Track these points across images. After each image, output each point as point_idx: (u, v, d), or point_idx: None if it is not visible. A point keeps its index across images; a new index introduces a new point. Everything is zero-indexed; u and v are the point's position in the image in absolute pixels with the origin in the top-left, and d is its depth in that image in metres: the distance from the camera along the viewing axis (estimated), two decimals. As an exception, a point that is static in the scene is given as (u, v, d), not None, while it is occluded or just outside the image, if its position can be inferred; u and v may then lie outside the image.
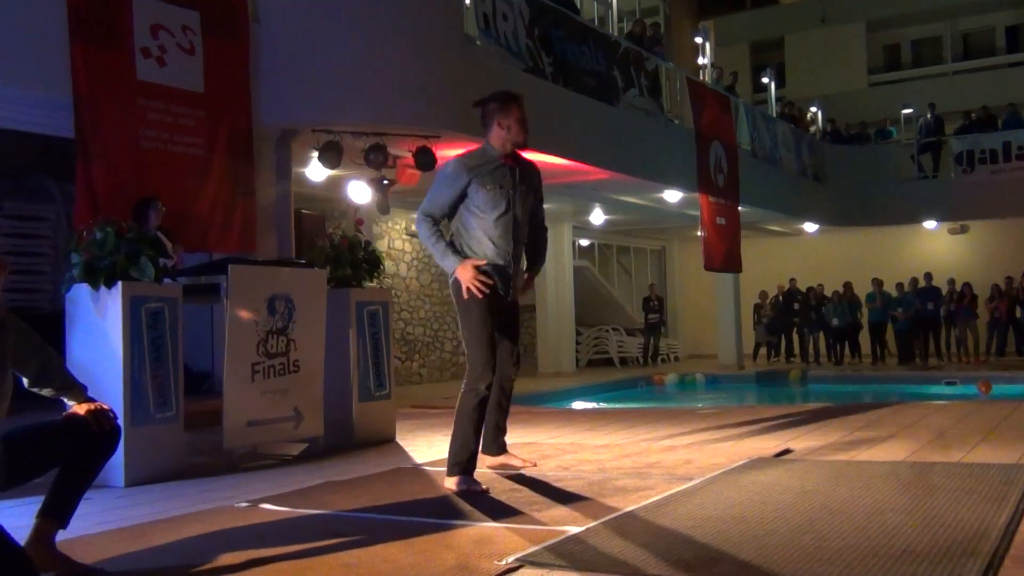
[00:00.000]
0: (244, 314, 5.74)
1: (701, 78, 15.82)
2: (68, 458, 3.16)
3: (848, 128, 21.33)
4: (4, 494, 3.14)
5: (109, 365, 5.20)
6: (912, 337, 17.43)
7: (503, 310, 4.76)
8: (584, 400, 12.50)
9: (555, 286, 16.39)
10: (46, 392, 3.18)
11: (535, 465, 5.16)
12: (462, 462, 4.61)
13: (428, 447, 6.43)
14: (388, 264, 13.32)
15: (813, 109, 20.60)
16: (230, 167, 7.36)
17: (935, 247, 19.93)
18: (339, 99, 8.09)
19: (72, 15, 6.31)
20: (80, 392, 3.22)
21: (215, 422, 5.72)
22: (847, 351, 18.11)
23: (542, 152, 10.18)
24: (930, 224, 19.63)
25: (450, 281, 4.72)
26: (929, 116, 19.84)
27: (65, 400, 3.21)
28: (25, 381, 3.13)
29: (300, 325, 6.08)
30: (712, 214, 13.93)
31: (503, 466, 5.05)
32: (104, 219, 5.41)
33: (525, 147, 4.85)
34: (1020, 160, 18.25)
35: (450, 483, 4.60)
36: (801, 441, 5.93)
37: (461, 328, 4.77)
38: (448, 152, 9.17)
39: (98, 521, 4.02)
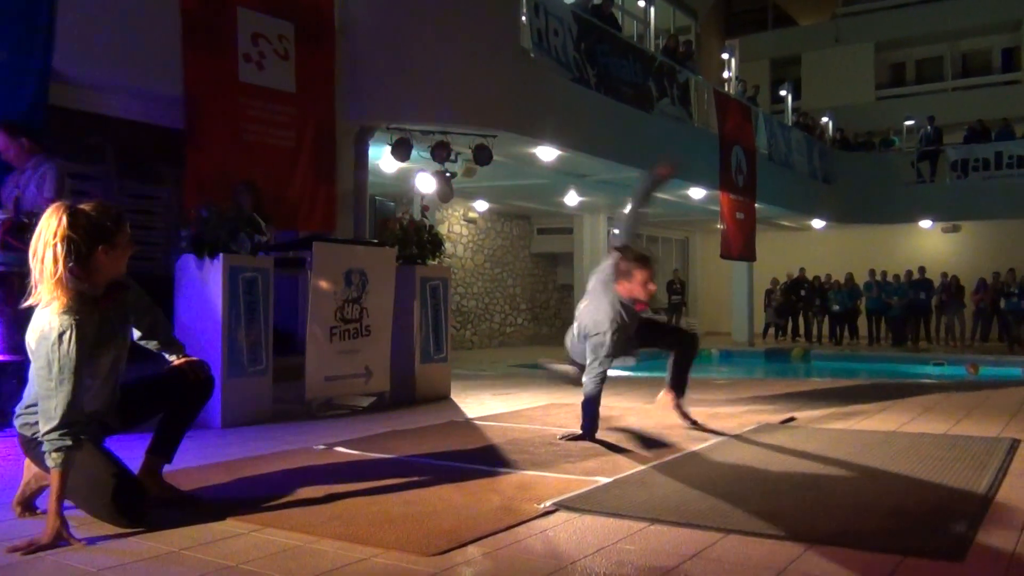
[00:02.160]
0: (325, 284, 5.79)
1: (726, 90, 15.58)
2: (171, 403, 3.23)
3: (855, 137, 20.91)
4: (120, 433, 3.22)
5: (210, 325, 5.29)
6: (905, 323, 17.15)
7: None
8: (613, 369, 12.44)
9: (591, 270, 16.30)
10: (152, 346, 3.23)
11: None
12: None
13: (478, 404, 6.46)
14: (447, 245, 13.36)
15: (825, 119, 20.20)
16: (316, 158, 7.41)
17: (929, 244, 19.53)
18: (410, 102, 8.09)
19: (185, 25, 6.37)
20: (179, 349, 3.27)
21: (298, 376, 5.79)
22: (847, 333, 17.86)
23: (584, 153, 10.14)
24: (925, 223, 19.22)
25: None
26: (929, 128, 19.38)
27: (165, 355, 3.25)
28: (136, 334, 3.18)
29: (372, 295, 6.13)
30: (732, 209, 13.78)
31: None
32: (209, 200, 5.49)
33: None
34: (1010, 168, 17.78)
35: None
36: (804, 410, 5.86)
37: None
38: (504, 148, 9.16)
39: (198, 456, 4.10)
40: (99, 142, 6.26)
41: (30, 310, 2.78)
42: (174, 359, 3.23)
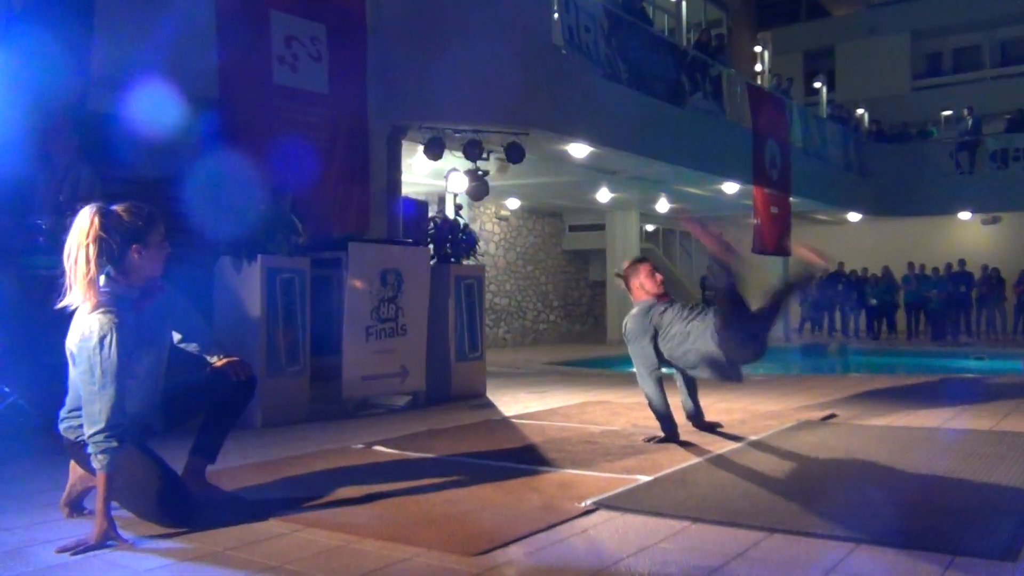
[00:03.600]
0: (360, 284, 5.82)
1: (759, 83, 15.43)
2: (213, 404, 3.25)
3: (892, 128, 20.60)
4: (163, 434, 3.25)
5: (249, 326, 5.33)
6: (945, 316, 16.87)
7: None
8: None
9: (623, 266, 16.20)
10: (192, 348, 3.24)
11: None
12: None
13: (515, 402, 6.46)
14: (479, 243, 13.36)
15: (860, 111, 19.93)
16: (349, 158, 7.43)
17: (968, 236, 19.17)
18: (442, 101, 8.09)
19: (221, 29, 6.43)
20: (221, 350, 3.29)
21: (335, 376, 5.83)
22: (884, 327, 17.62)
23: (616, 149, 10.08)
24: (965, 215, 18.89)
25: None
26: (969, 118, 19.02)
27: (207, 357, 3.26)
28: (176, 337, 3.21)
29: (407, 295, 6.15)
30: (766, 204, 13.65)
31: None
32: (247, 203, 5.54)
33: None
34: (1051, 158, 17.42)
35: None
36: (844, 407, 5.79)
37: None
38: (536, 146, 9.14)
39: (239, 456, 4.12)
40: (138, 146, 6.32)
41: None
42: (215, 360, 3.25)
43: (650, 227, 18.53)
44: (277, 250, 5.42)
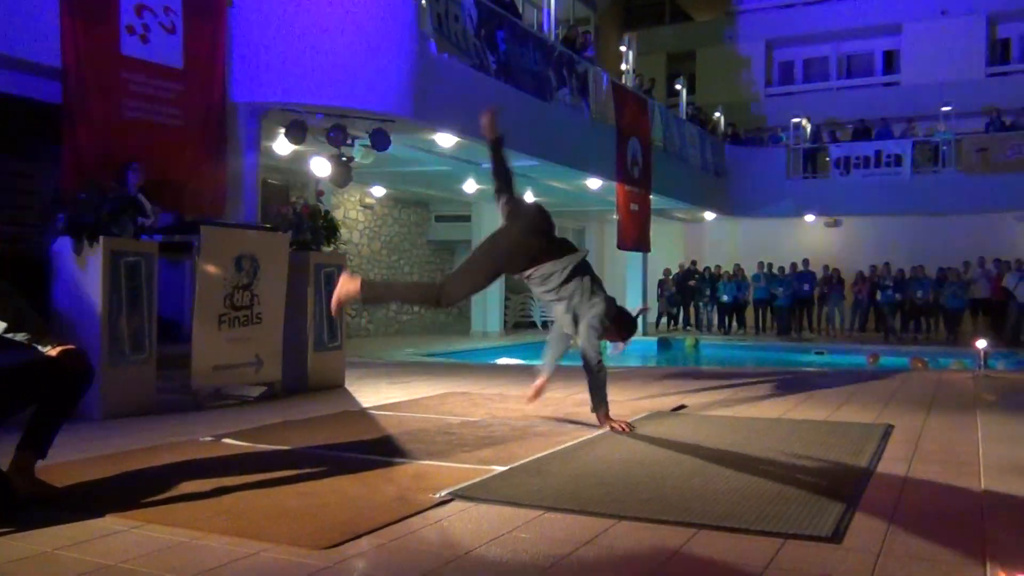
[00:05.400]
0: (213, 270, 5.61)
1: (623, 82, 15.84)
2: (45, 395, 3.05)
3: (745, 132, 21.62)
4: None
5: (89, 312, 5.05)
6: (790, 313, 17.89)
7: None
8: (509, 357, 12.54)
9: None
10: (21, 338, 3.04)
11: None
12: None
13: (374, 393, 6.39)
14: (343, 231, 13.11)
15: (717, 114, 20.81)
16: (204, 138, 7.15)
17: (812, 237, 20.36)
18: (306, 82, 7.88)
19: (63, -7, 6.04)
20: (54, 338, 3.09)
21: (184, 365, 5.60)
22: (735, 323, 18.50)
23: (483, 140, 10.09)
24: (809, 217, 20.07)
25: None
26: (814, 125, 20.21)
27: (38, 347, 3.06)
28: (0, 326, 2.99)
29: (264, 282, 5.98)
30: (627, 201, 14.04)
31: None
32: (89, 180, 5.24)
33: None
34: (888, 166, 18.74)
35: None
36: (694, 398, 6.03)
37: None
38: (402, 133, 9.05)
39: (77, 449, 3.92)
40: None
41: None
42: (48, 349, 3.05)
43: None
44: (122, 232, 5.15)
